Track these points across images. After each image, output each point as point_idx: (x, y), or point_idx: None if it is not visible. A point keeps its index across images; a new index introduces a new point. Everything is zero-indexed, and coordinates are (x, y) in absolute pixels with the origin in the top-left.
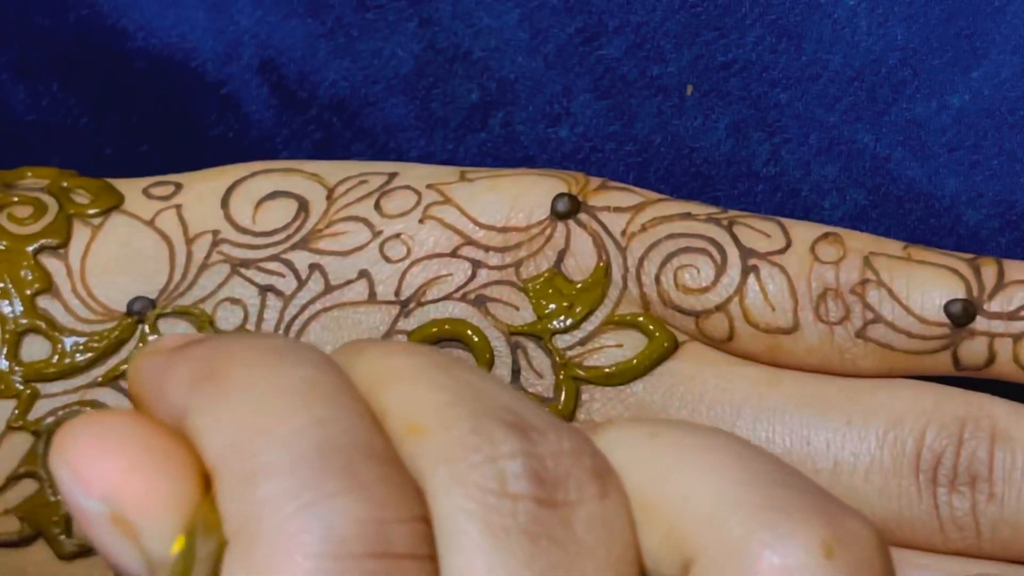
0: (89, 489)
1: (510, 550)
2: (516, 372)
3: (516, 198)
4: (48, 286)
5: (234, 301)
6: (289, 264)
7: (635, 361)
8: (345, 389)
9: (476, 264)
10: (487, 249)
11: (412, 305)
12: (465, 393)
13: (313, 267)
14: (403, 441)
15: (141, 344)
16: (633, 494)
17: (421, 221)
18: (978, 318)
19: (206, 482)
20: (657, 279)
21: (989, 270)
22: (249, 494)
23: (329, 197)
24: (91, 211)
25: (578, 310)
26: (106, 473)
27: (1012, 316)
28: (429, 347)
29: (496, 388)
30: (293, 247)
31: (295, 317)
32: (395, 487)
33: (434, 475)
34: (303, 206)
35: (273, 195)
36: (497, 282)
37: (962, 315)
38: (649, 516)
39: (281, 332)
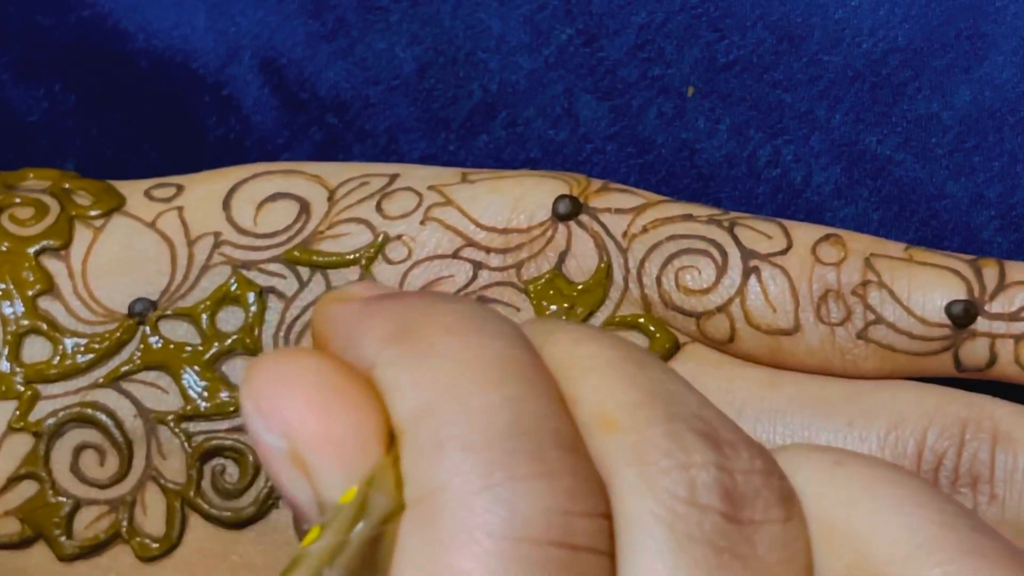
0: (269, 424)
1: (694, 559)
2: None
3: (517, 200)
4: (49, 287)
5: (235, 302)
6: (291, 266)
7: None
8: (540, 370)
9: (477, 265)
10: (488, 250)
11: None
12: (659, 393)
13: (315, 268)
14: (593, 433)
15: (142, 346)
16: (814, 520)
17: (422, 223)
18: (979, 319)
19: (389, 438)
20: (658, 280)
21: (990, 271)
22: (436, 464)
23: (331, 199)
24: (92, 213)
25: (579, 311)
26: (287, 409)
27: (1013, 317)
28: (621, 338)
29: (687, 392)
30: (295, 248)
31: (296, 318)
32: (582, 479)
33: (623, 474)
34: (304, 208)
35: (274, 197)
36: (498, 283)
37: (963, 316)
38: (832, 544)
39: (282, 335)
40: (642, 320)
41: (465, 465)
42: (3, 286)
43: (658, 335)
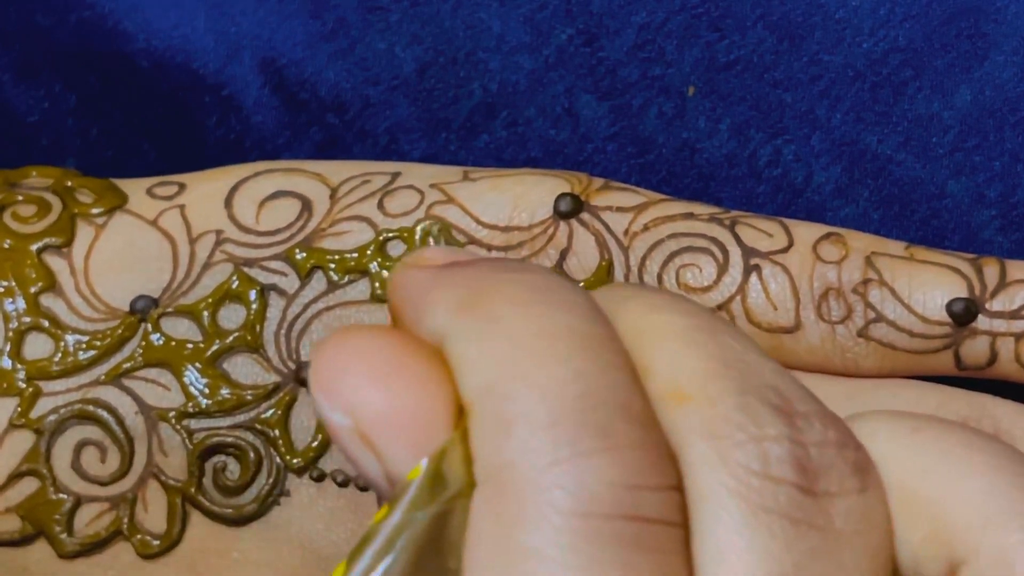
0: (334, 401)
1: (770, 531)
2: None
3: (519, 197)
4: (51, 284)
5: (236, 300)
6: (292, 263)
7: None
8: (610, 342)
9: None
10: (490, 248)
11: None
12: (732, 363)
13: (316, 266)
14: (664, 405)
15: (144, 343)
16: (893, 488)
17: (424, 220)
18: (980, 317)
19: (459, 414)
20: (659, 278)
21: (991, 269)
22: (505, 440)
23: (332, 197)
24: (95, 210)
25: None
26: (350, 386)
27: (1014, 315)
28: (697, 304)
29: (761, 361)
30: (296, 246)
31: (297, 316)
32: (651, 452)
33: (695, 447)
34: (306, 205)
35: (276, 195)
36: None
37: (964, 314)
38: (911, 512)
39: (283, 332)
40: None
41: (533, 441)
42: (5, 283)
43: None
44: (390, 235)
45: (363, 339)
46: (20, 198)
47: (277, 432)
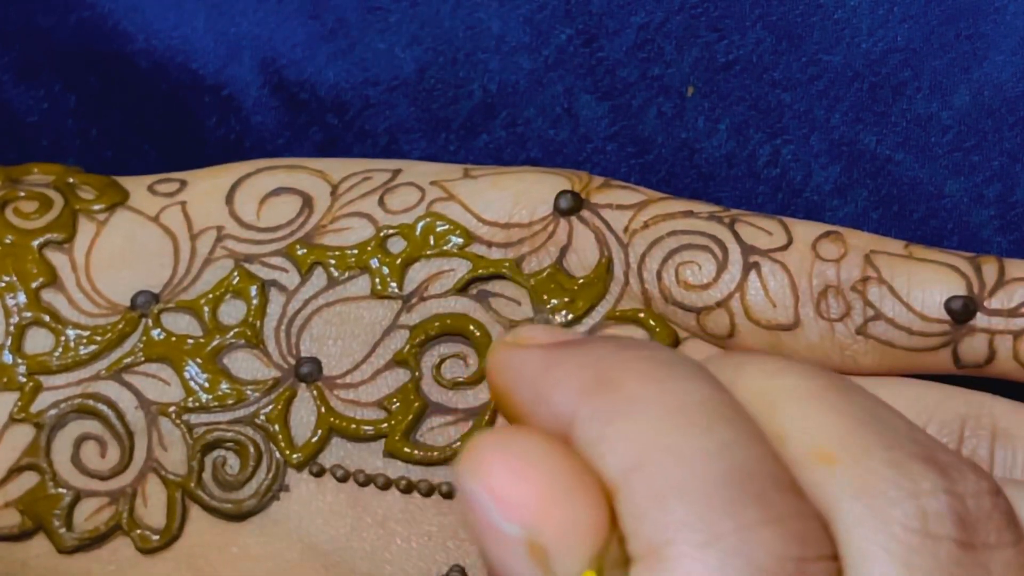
0: (510, 513)
1: None
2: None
3: (519, 195)
4: (52, 280)
5: (237, 295)
6: (292, 259)
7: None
8: (741, 410)
9: (478, 260)
10: (490, 245)
11: (415, 300)
12: (869, 420)
13: (316, 262)
14: (807, 469)
15: (144, 338)
16: None
17: (424, 217)
18: (978, 315)
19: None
20: (659, 275)
21: (990, 268)
22: (660, 517)
23: (333, 193)
24: (96, 207)
25: (580, 305)
26: (529, 498)
27: (1012, 313)
28: (819, 367)
29: (895, 416)
30: (297, 243)
31: (298, 312)
32: (810, 521)
33: (849, 508)
34: (307, 202)
35: (277, 191)
36: (499, 277)
37: (962, 312)
38: None
39: (283, 328)
40: (642, 315)
41: (690, 517)
42: (7, 278)
43: (658, 330)
44: (391, 232)
45: (530, 446)
46: (22, 194)
47: (277, 427)
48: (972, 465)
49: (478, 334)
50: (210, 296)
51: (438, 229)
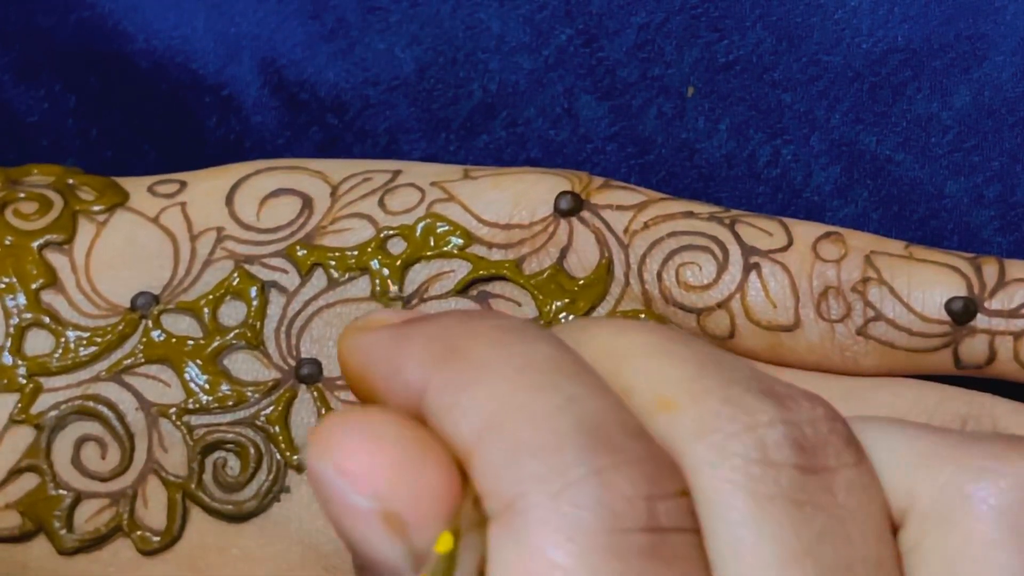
0: (360, 486)
1: (778, 520)
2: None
3: (519, 195)
4: (52, 281)
5: (237, 297)
6: (293, 260)
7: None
8: (587, 367)
9: (479, 261)
10: (490, 246)
11: (415, 301)
12: (708, 365)
13: (316, 263)
14: (653, 417)
15: (145, 339)
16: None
17: (425, 218)
18: (979, 316)
19: (463, 472)
20: (659, 276)
21: (990, 268)
22: (513, 473)
23: (333, 194)
24: (96, 208)
25: (580, 306)
26: (378, 470)
27: (1013, 314)
28: (657, 322)
29: (733, 359)
30: (297, 244)
31: (298, 313)
32: (659, 462)
33: (693, 449)
34: (307, 203)
35: (277, 192)
36: (499, 278)
37: (963, 313)
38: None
39: (283, 329)
40: (643, 316)
41: (542, 468)
42: (7, 280)
43: None
44: (391, 232)
45: (375, 421)
46: (22, 195)
47: (277, 428)
48: (807, 394)
49: None
50: (210, 297)
51: (438, 230)
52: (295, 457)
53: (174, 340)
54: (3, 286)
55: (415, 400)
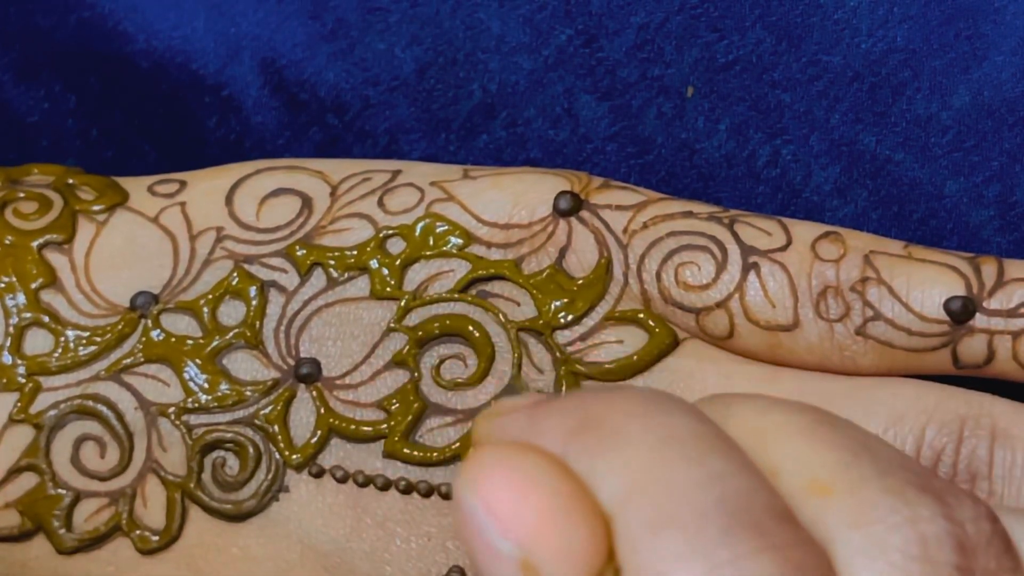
0: (505, 530)
1: None
2: (517, 367)
3: (519, 195)
4: (52, 280)
5: (236, 296)
6: (292, 260)
7: (635, 357)
8: (732, 443)
9: (478, 260)
10: (489, 245)
11: (414, 301)
12: (862, 451)
13: (316, 263)
14: (803, 502)
15: (144, 339)
16: None
17: (424, 218)
18: (978, 315)
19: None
20: (658, 276)
21: (989, 268)
22: (654, 548)
23: (333, 194)
24: (96, 207)
25: (579, 305)
26: (526, 517)
27: (1012, 314)
28: (807, 404)
29: (886, 446)
30: (296, 243)
31: (297, 312)
32: (808, 549)
33: (847, 538)
34: (307, 203)
35: (277, 192)
36: (499, 278)
37: (962, 312)
38: None
39: (283, 328)
40: (641, 315)
41: (684, 548)
42: (6, 279)
43: (657, 330)
44: (390, 232)
45: (531, 463)
46: (21, 195)
47: (276, 428)
48: (968, 492)
49: (477, 335)
50: (209, 297)
51: (437, 230)
52: (294, 456)
53: (173, 339)
54: (3, 285)
55: None
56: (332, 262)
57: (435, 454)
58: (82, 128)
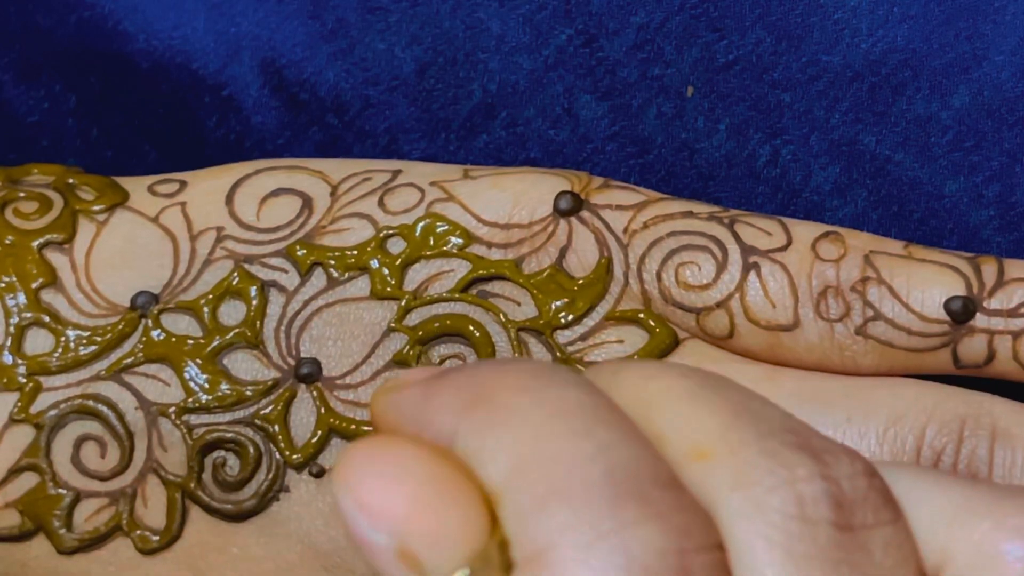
0: (376, 522)
1: None
2: None
3: (519, 195)
4: (52, 280)
5: (236, 296)
6: (292, 260)
7: (636, 357)
8: (618, 413)
9: (478, 260)
10: (489, 245)
11: (414, 301)
12: (743, 413)
13: (316, 263)
14: (686, 467)
15: (144, 339)
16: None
17: (424, 218)
18: (978, 315)
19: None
20: (658, 276)
21: (989, 268)
22: (542, 521)
23: (333, 194)
24: (96, 207)
25: (579, 305)
26: (394, 507)
27: (1012, 313)
28: (692, 367)
29: (769, 406)
30: (297, 243)
31: (297, 312)
32: (692, 514)
33: (728, 501)
34: (307, 203)
35: (277, 192)
36: (499, 278)
37: (962, 312)
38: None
39: (283, 328)
40: (642, 315)
41: (572, 519)
42: (7, 279)
43: (657, 330)
44: (390, 232)
45: (397, 454)
46: (22, 195)
47: (277, 428)
48: (846, 449)
49: (477, 334)
50: (210, 297)
51: (438, 230)
52: (294, 456)
53: (174, 339)
54: (3, 285)
55: (448, 449)
56: (332, 262)
57: None
58: (82, 128)
